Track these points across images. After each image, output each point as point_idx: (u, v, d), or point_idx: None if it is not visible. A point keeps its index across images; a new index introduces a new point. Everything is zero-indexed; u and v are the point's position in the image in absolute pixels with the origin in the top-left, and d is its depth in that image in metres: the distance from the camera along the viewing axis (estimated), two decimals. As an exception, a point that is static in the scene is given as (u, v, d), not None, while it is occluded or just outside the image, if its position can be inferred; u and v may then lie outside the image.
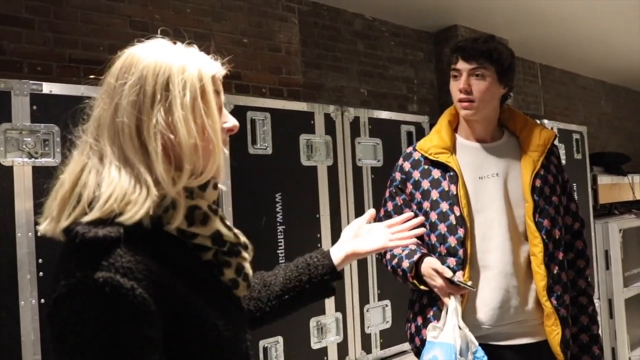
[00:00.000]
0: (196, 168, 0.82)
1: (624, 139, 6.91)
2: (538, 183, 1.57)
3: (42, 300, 1.53)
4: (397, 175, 1.69)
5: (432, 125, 2.69)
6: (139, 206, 0.74)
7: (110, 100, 0.80)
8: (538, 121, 3.12)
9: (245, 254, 0.90)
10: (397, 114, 2.65)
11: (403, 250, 1.57)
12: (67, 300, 0.69)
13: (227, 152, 0.89)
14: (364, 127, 2.44)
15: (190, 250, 0.83)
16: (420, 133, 2.66)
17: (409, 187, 1.65)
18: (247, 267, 0.90)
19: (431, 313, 1.57)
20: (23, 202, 1.52)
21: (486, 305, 1.52)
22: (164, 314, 0.73)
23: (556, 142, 1.69)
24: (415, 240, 1.64)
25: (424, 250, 1.58)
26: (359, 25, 3.86)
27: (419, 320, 1.61)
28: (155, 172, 0.77)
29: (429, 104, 4.29)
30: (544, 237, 1.53)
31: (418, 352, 1.60)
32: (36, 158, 1.55)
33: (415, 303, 1.65)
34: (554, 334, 1.52)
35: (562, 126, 3.34)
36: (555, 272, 1.54)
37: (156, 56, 0.82)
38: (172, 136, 0.79)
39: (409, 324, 1.66)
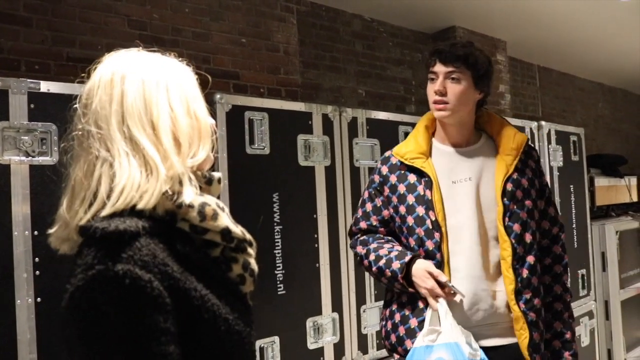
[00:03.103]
0: (192, 147, 0.87)
1: (621, 141, 6.93)
2: (510, 187, 1.57)
3: (39, 299, 1.53)
4: (376, 178, 1.71)
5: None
6: (150, 193, 0.77)
7: (111, 91, 0.83)
8: (535, 123, 3.15)
9: (250, 250, 0.92)
10: (394, 114, 2.66)
11: (390, 252, 1.58)
12: (87, 292, 0.70)
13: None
14: (361, 127, 2.44)
15: (199, 246, 0.85)
16: (418, 134, 2.66)
17: (386, 190, 1.67)
18: (253, 263, 0.93)
19: (410, 311, 1.57)
20: (20, 200, 1.52)
21: (455, 307, 1.52)
22: (178, 308, 0.75)
23: (535, 146, 1.70)
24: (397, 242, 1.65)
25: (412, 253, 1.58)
26: (357, 25, 3.86)
27: (397, 318, 1.60)
28: (163, 146, 0.81)
29: (426, 105, 4.29)
30: (513, 241, 1.54)
31: (392, 349, 1.60)
32: (33, 157, 1.55)
33: (392, 302, 1.65)
34: (522, 337, 1.52)
35: (559, 128, 3.35)
36: (524, 276, 1.54)
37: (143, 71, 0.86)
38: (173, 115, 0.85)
39: (384, 322, 1.66)
